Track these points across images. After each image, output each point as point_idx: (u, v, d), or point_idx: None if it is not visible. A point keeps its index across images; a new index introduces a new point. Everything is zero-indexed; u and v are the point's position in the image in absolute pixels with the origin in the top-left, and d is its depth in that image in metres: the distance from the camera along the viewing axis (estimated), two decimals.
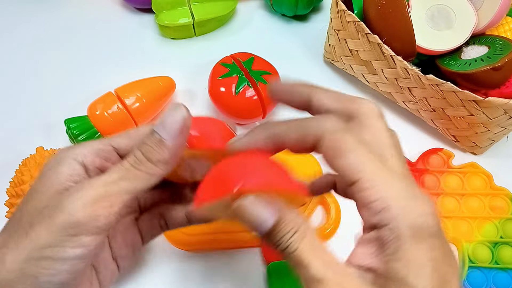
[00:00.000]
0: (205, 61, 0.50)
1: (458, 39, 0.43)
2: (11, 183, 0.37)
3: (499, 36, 0.43)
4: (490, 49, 0.42)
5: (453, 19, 0.43)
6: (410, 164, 0.43)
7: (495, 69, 0.39)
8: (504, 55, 0.39)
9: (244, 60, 0.45)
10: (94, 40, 0.56)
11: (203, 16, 0.54)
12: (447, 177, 0.43)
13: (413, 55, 0.43)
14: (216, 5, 0.55)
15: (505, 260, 0.38)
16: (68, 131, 0.43)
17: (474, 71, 0.40)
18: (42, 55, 0.54)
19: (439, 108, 0.42)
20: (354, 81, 0.51)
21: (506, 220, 0.40)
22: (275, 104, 0.46)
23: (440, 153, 0.44)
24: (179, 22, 0.53)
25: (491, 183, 0.42)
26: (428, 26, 0.44)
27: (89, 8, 0.60)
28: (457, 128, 0.43)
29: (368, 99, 0.22)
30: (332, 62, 0.52)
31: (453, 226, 0.40)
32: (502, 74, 0.39)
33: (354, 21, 0.43)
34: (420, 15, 0.44)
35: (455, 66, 0.42)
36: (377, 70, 0.45)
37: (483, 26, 0.43)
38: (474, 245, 0.39)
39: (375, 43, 0.42)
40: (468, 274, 0.38)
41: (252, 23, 0.58)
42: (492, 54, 0.41)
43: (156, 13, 0.54)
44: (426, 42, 0.43)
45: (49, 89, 0.51)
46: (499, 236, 0.39)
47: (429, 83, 0.40)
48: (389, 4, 0.41)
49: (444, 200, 0.41)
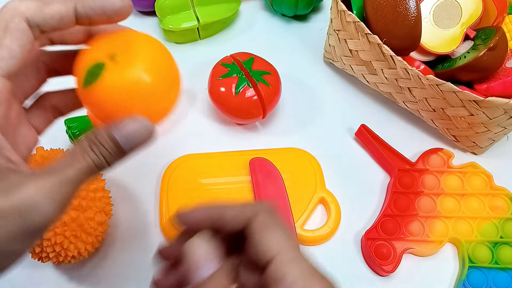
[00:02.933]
0: (206, 62, 0.50)
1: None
2: None
3: (478, 29, 0.45)
4: (475, 40, 0.43)
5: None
6: (410, 164, 0.44)
7: (491, 49, 0.40)
8: (491, 37, 0.41)
9: (244, 60, 0.45)
10: None
11: (208, 19, 0.54)
12: (447, 177, 0.43)
13: (415, 46, 0.43)
14: (220, 7, 0.55)
15: (505, 260, 0.38)
16: (68, 131, 0.43)
17: (473, 59, 0.41)
18: None
19: (439, 108, 0.42)
20: (354, 81, 0.51)
21: (506, 220, 0.40)
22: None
23: (440, 153, 0.44)
24: (184, 26, 0.53)
25: (491, 183, 0.42)
26: (433, 25, 0.44)
27: None
28: (457, 128, 0.43)
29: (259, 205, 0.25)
30: (332, 62, 0.52)
31: (453, 226, 0.40)
32: (499, 52, 0.41)
33: (354, 21, 0.43)
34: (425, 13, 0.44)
35: (453, 64, 0.43)
36: (377, 70, 0.45)
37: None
38: (474, 245, 0.39)
39: (375, 43, 0.42)
40: (468, 274, 0.38)
41: (253, 23, 0.58)
42: (481, 41, 0.42)
43: (160, 17, 0.54)
44: (431, 42, 0.44)
45: (49, 89, 0.51)
46: (499, 236, 0.39)
47: (429, 83, 0.40)
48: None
49: (444, 200, 0.41)
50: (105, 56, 0.23)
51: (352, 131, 0.47)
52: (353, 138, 0.47)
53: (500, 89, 0.40)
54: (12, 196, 0.19)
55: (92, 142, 0.21)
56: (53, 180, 0.20)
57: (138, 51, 0.23)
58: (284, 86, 0.46)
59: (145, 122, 0.22)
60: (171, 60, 0.25)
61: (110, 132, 0.21)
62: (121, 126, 0.21)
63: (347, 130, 0.48)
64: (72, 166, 0.21)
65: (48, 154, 0.37)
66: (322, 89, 0.51)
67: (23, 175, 0.20)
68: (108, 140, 0.21)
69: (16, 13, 0.20)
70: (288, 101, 0.50)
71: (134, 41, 0.24)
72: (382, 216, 0.40)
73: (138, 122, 0.22)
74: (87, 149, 0.21)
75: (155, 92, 0.23)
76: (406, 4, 0.41)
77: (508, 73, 0.41)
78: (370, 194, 0.43)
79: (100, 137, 0.21)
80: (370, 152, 0.46)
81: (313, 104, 0.50)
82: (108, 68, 0.22)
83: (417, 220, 0.40)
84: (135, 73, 0.22)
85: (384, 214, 0.41)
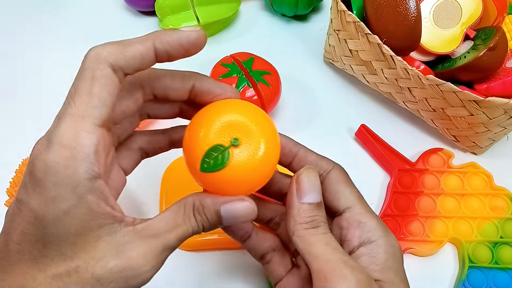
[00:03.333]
0: (206, 62, 0.50)
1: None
2: (11, 183, 0.37)
3: (478, 29, 0.44)
4: (475, 40, 0.43)
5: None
6: (410, 164, 0.44)
7: (491, 49, 0.40)
8: (491, 37, 0.41)
9: (244, 60, 0.45)
10: (96, 41, 0.56)
11: (208, 19, 0.54)
12: (447, 177, 0.43)
13: (415, 46, 0.43)
14: (220, 7, 0.55)
15: (505, 260, 0.38)
16: None
17: (473, 59, 0.41)
18: (43, 56, 0.54)
19: (439, 108, 0.42)
20: (354, 81, 0.51)
21: (506, 220, 0.40)
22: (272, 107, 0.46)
23: (440, 153, 0.44)
24: (184, 26, 0.53)
25: (491, 183, 0.42)
26: (432, 25, 0.44)
27: (92, 11, 0.60)
28: (457, 128, 0.43)
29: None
30: (332, 62, 0.52)
31: (453, 226, 0.40)
32: (499, 52, 0.41)
33: (354, 21, 0.43)
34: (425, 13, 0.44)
35: (453, 64, 0.43)
36: (377, 70, 0.45)
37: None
38: (474, 245, 0.39)
39: (375, 43, 0.42)
40: (468, 274, 0.38)
41: (253, 23, 0.58)
42: (481, 41, 0.42)
43: (160, 17, 0.54)
44: (431, 42, 0.44)
45: (50, 89, 0.51)
46: (499, 236, 0.39)
47: (429, 83, 0.40)
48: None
49: (444, 200, 0.41)
50: (223, 139, 0.22)
51: (352, 131, 0.47)
52: (353, 138, 0.47)
53: (500, 89, 0.40)
54: (122, 258, 0.20)
55: (197, 210, 0.22)
56: (157, 244, 0.21)
57: (255, 131, 0.23)
58: (284, 86, 0.46)
59: (251, 205, 0.23)
60: (273, 126, 0.25)
61: (218, 210, 0.22)
62: (229, 206, 0.22)
63: (347, 130, 0.48)
64: (174, 231, 0.22)
65: None
66: (322, 89, 0.51)
67: (128, 231, 0.21)
68: (213, 214, 0.22)
69: (100, 59, 0.21)
70: (288, 101, 0.50)
71: (245, 116, 0.23)
72: (382, 216, 0.40)
73: (245, 204, 0.23)
74: (190, 216, 0.22)
75: (271, 166, 0.24)
76: (406, 4, 0.41)
77: (508, 73, 0.41)
78: (370, 194, 0.43)
79: (206, 209, 0.22)
80: (370, 152, 0.46)
81: (313, 104, 0.50)
82: (232, 154, 0.22)
83: (417, 220, 0.40)
84: (258, 157, 0.23)
85: (384, 214, 0.41)
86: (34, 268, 0.19)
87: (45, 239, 0.19)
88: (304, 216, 0.24)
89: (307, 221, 0.24)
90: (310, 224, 0.24)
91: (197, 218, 0.22)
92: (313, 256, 0.23)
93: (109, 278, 0.19)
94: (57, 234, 0.19)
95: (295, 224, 0.24)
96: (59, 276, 0.19)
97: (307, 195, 0.24)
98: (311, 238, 0.23)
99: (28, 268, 0.19)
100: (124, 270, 0.20)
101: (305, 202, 0.24)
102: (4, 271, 0.19)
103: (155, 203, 0.42)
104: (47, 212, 0.19)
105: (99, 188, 0.20)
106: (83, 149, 0.19)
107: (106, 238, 0.20)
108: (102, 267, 0.19)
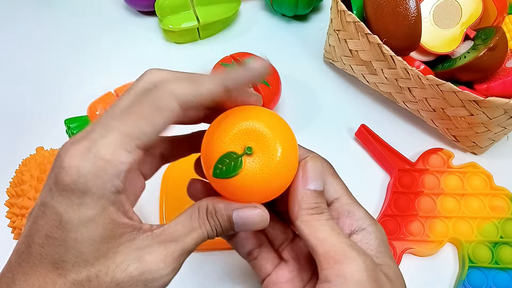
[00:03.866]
0: (206, 62, 0.50)
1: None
2: (11, 183, 0.37)
3: (478, 29, 0.44)
4: (475, 40, 0.43)
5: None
6: (410, 164, 0.44)
7: (491, 49, 0.40)
8: (491, 37, 0.41)
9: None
10: (95, 41, 0.56)
11: (208, 19, 0.54)
12: (447, 177, 0.43)
13: (415, 46, 0.43)
14: (220, 7, 0.55)
15: (505, 260, 0.38)
16: (68, 131, 0.43)
17: (473, 59, 0.41)
18: (43, 55, 0.54)
19: (439, 108, 0.42)
20: (354, 81, 0.51)
21: (506, 220, 0.40)
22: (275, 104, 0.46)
23: (440, 153, 0.44)
24: (184, 26, 0.53)
25: (491, 183, 0.42)
26: (432, 25, 0.44)
27: (92, 11, 0.60)
28: (457, 128, 0.43)
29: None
30: (332, 62, 0.52)
31: (453, 226, 0.40)
32: (499, 52, 0.41)
33: (354, 21, 0.43)
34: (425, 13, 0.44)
35: (453, 64, 0.43)
36: (377, 70, 0.45)
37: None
38: (474, 245, 0.39)
39: (375, 43, 0.42)
40: (468, 274, 0.38)
41: (253, 23, 0.58)
42: (481, 41, 0.42)
43: (160, 17, 0.54)
44: (431, 42, 0.44)
45: (50, 89, 0.51)
46: (499, 236, 0.39)
47: (429, 83, 0.40)
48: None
49: (444, 200, 0.41)
50: (238, 146, 0.23)
51: (352, 131, 0.47)
52: (353, 138, 0.47)
53: (500, 89, 0.40)
54: (142, 261, 0.20)
55: (210, 214, 0.23)
56: (175, 248, 0.21)
57: (271, 142, 0.23)
58: (284, 86, 0.46)
59: (263, 213, 0.23)
60: (293, 137, 0.25)
61: (231, 216, 0.23)
62: (241, 212, 0.23)
63: (347, 130, 0.48)
64: (190, 235, 0.22)
65: (49, 154, 0.37)
66: (322, 89, 0.51)
67: (147, 236, 0.21)
68: (225, 219, 0.23)
69: (171, 94, 0.21)
70: (288, 101, 0.50)
71: (264, 124, 0.23)
72: (382, 216, 0.41)
73: (257, 211, 0.23)
74: (204, 220, 0.23)
75: (286, 178, 0.24)
76: (406, 4, 0.41)
77: (508, 73, 0.41)
78: (370, 194, 0.43)
79: (219, 214, 0.23)
80: (370, 152, 0.46)
81: (313, 104, 0.50)
82: (245, 162, 0.22)
83: (417, 220, 0.40)
84: (271, 169, 0.23)
85: (384, 214, 0.41)
86: (55, 272, 0.19)
87: (67, 244, 0.19)
88: (308, 202, 0.24)
89: (312, 207, 0.24)
90: (315, 210, 0.24)
91: (210, 222, 0.23)
92: (319, 240, 0.23)
93: (128, 282, 0.20)
94: (80, 240, 0.19)
95: (300, 210, 0.24)
96: (80, 282, 0.19)
97: (312, 182, 0.25)
98: (316, 223, 0.24)
99: (48, 272, 0.19)
100: (144, 273, 0.20)
101: (310, 188, 0.25)
102: (24, 272, 0.20)
103: (155, 203, 0.42)
104: (72, 216, 0.19)
105: (120, 202, 0.20)
106: (118, 165, 0.20)
107: (126, 244, 0.20)
108: (122, 271, 0.20)
